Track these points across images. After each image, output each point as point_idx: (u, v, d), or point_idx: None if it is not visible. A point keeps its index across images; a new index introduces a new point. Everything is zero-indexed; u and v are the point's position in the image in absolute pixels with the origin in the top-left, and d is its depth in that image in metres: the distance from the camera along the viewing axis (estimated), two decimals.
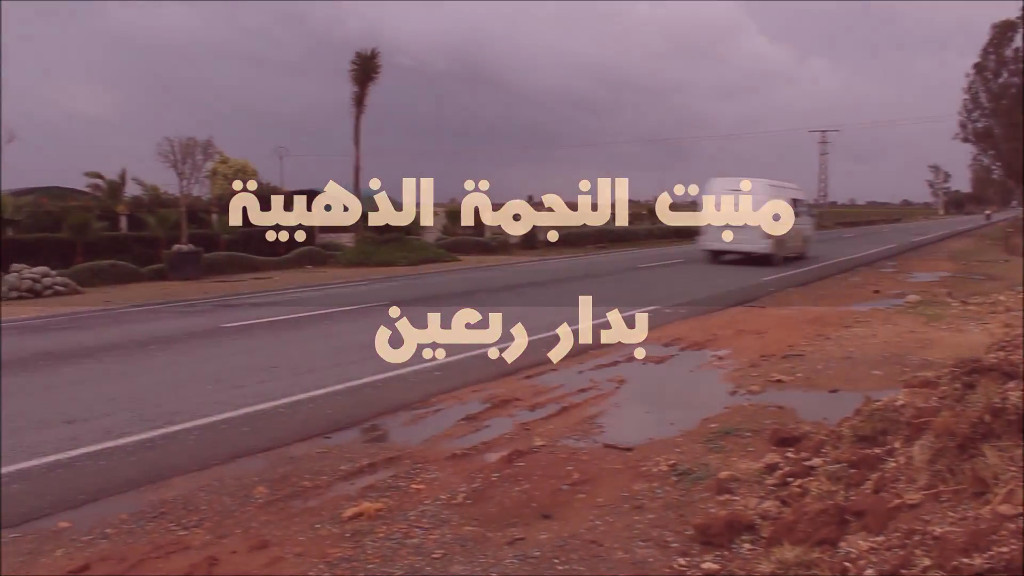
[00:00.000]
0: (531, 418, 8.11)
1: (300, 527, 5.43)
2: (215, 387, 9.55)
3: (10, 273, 23.76)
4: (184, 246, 28.51)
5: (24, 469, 6.76)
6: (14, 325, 16.50)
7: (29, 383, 10.21)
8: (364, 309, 16.84)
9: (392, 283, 24.31)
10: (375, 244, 33.93)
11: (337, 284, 24.23)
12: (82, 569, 4.86)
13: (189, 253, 28.29)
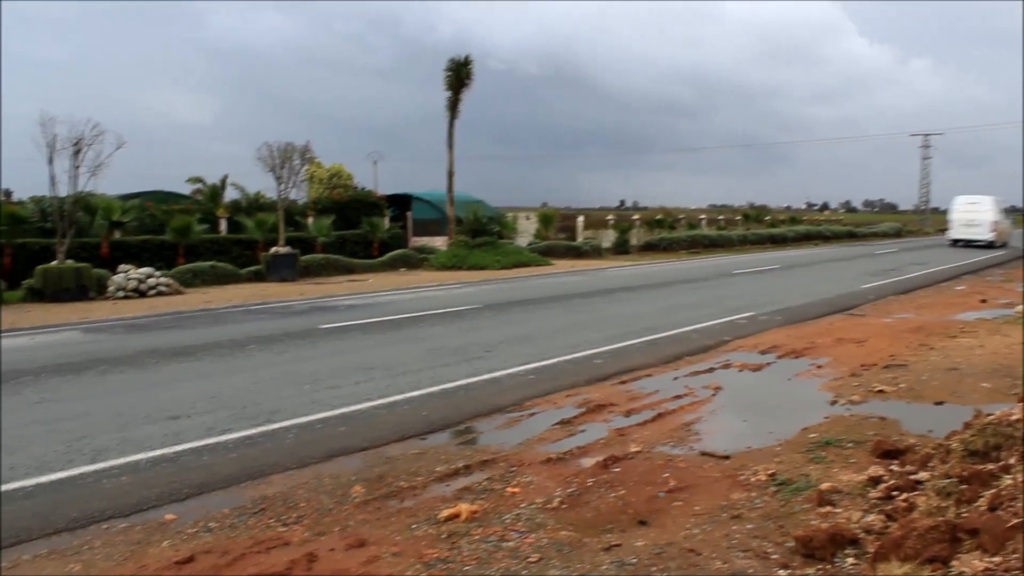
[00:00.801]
0: (626, 424, 8.02)
1: (396, 527, 5.47)
2: (312, 387, 9.71)
3: (117, 273, 24.58)
4: (281, 248, 29.08)
5: (132, 462, 6.97)
6: (121, 323, 17.06)
7: (136, 379, 10.54)
8: (457, 313, 16.93)
9: (485, 286, 24.40)
10: (468, 248, 34.12)
11: (430, 287, 24.40)
12: (187, 560, 4.97)
13: (286, 255, 28.86)
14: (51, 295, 22.91)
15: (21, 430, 8.06)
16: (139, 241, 29.37)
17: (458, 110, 37.66)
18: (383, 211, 38.41)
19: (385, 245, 36.08)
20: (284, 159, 29.73)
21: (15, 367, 11.57)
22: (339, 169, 40.85)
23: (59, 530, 5.61)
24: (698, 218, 57.23)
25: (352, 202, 37.79)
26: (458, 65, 37.22)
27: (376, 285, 25.97)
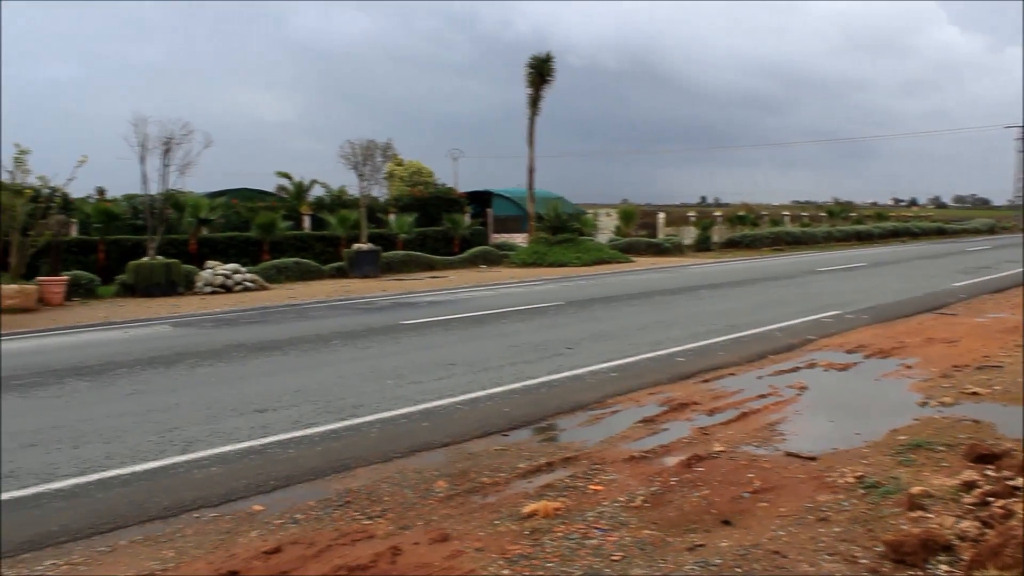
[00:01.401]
0: (709, 423, 7.93)
1: (480, 522, 5.49)
2: (395, 382, 9.82)
3: (205, 269, 25.17)
4: (363, 245, 29.47)
5: (221, 453, 7.14)
6: (209, 318, 17.47)
7: (223, 373, 10.79)
8: (538, 309, 16.96)
9: (565, 283, 24.39)
10: (548, 244, 34.12)
11: (511, 284, 24.46)
12: (275, 551, 5.07)
13: (368, 252, 29.22)
14: (142, 290, 23.57)
15: (116, 420, 8.32)
16: (225, 238, 30.05)
17: (539, 106, 37.74)
18: (464, 208, 38.65)
19: (466, 242, 36.31)
20: (366, 156, 30.12)
21: (111, 359, 11.95)
22: (420, 166, 41.19)
23: (152, 518, 5.76)
24: (781, 214, 56.39)
25: (433, 199, 38.09)
26: (539, 62, 37.26)
27: (457, 281, 26.14)
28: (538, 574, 4.66)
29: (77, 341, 14.91)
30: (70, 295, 22.68)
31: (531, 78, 37.39)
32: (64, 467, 6.84)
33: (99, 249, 27.32)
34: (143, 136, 24.10)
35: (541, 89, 37.54)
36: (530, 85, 37.48)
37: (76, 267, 24.78)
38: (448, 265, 32.60)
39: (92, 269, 25.44)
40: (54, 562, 5.03)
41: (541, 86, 37.49)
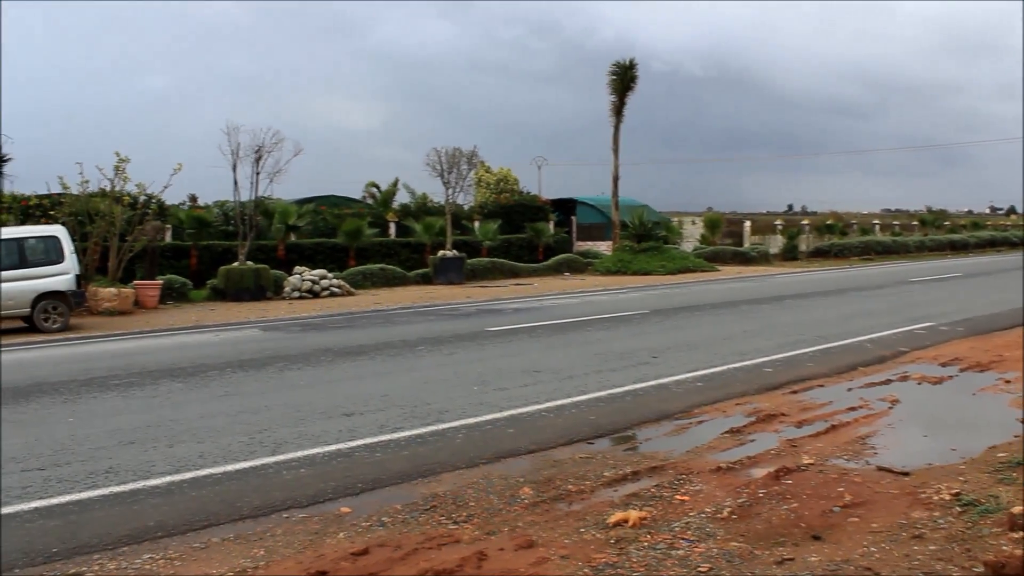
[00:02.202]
0: (798, 435, 7.79)
1: (565, 530, 5.48)
2: (480, 388, 9.87)
3: (293, 275, 25.64)
4: (449, 252, 29.67)
5: (309, 456, 7.26)
6: (297, 322, 17.79)
7: (311, 376, 10.98)
8: (623, 318, 16.88)
9: (650, 292, 24.22)
10: (632, 253, 33.95)
11: (595, 292, 24.39)
12: (362, 552, 5.12)
13: (453, 259, 29.41)
14: (232, 294, 24.12)
15: (209, 421, 8.53)
16: (313, 244, 30.57)
17: (623, 114, 37.56)
18: (548, 215, 38.68)
19: (550, 249, 36.33)
20: (452, 164, 30.33)
21: (203, 362, 12.26)
22: (506, 174, 41.37)
23: (244, 516, 5.89)
24: (871, 223, 55.18)
25: (517, 206, 38.20)
26: (623, 69, 37.11)
27: (541, 289, 26.17)
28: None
29: (171, 343, 15.33)
30: (164, 298, 23.33)
31: (614, 85, 37.25)
32: (160, 465, 7.03)
33: (191, 254, 28.04)
34: (235, 145, 24.71)
35: (625, 96, 37.36)
36: (613, 92, 37.35)
37: (169, 271, 25.49)
38: (532, 272, 32.65)
39: (184, 274, 26.12)
40: (151, 556, 5.17)
41: (625, 93, 37.32)
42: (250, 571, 4.89)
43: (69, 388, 10.53)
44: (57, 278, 18.37)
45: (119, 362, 12.66)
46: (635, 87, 37.52)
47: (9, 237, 18.91)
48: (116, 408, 9.36)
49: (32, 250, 18.68)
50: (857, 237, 48.42)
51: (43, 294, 18.12)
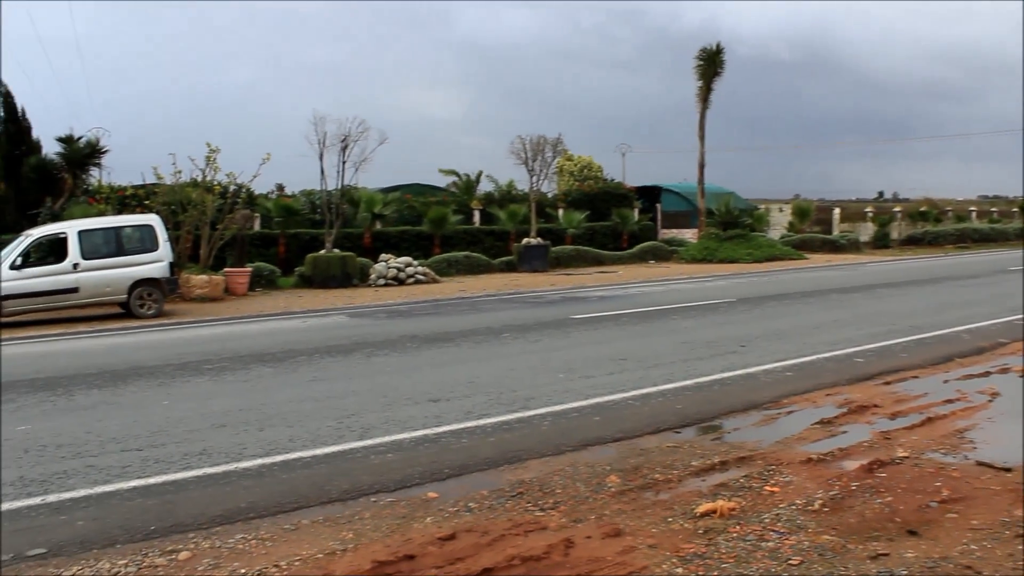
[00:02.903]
0: (891, 427, 7.58)
1: (652, 519, 5.43)
2: (566, 376, 9.84)
3: (379, 262, 25.93)
4: (533, 240, 29.69)
5: (397, 440, 7.33)
6: (383, 309, 17.99)
7: (398, 363, 11.08)
8: (709, 306, 16.68)
9: (736, 280, 23.89)
10: (719, 240, 33.55)
11: (680, 280, 24.16)
12: (450, 537, 5.15)
13: (537, 246, 29.42)
14: (319, 281, 24.51)
15: (298, 405, 8.67)
16: (398, 232, 30.89)
17: (709, 100, 37.07)
18: (632, 203, 38.42)
19: (634, 237, 36.10)
20: (536, 152, 30.31)
21: (292, 347, 12.49)
22: (589, 161, 41.19)
23: (332, 500, 5.97)
24: (967, 210, 53.50)
25: (602, 194, 38.03)
26: (710, 54, 36.64)
27: (625, 277, 26.03)
28: (713, 575, 4.57)
29: (260, 329, 15.65)
30: (253, 285, 23.82)
31: (701, 71, 36.79)
32: (251, 448, 7.17)
33: (279, 242, 28.57)
34: (322, 134, 25.08)
35: (712, 82, 36.88)
36: (700, 78, 36.89)
37: (258, 259, 26.02)
38: (617, 260, 32.50)
39: (273, 261, 26.65)
40: (244, 536, 5.28)
41: (712, 79, 36.83)
42: (339, 553, 4.95)
43: (164, 372, 10.81)
44: (152, 265, 18.89)
45: (211, 347, 12.97)
46: (722, 73, 37.02)
47: (107, 226, 19.52)
48: (209, 392, 9.58)
49: (128, 238, 19.25)
50: (952, 224, 47.02)
51: (139, 281, 18.66)
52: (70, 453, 7.17)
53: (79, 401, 9.28)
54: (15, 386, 10.19)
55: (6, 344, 14.76)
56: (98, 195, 27.54)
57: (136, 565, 4.87)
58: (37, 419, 8.47)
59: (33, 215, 24.60)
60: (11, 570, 4.87)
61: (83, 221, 19.99)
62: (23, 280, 17.70)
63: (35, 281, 17.81)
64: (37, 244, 18.38)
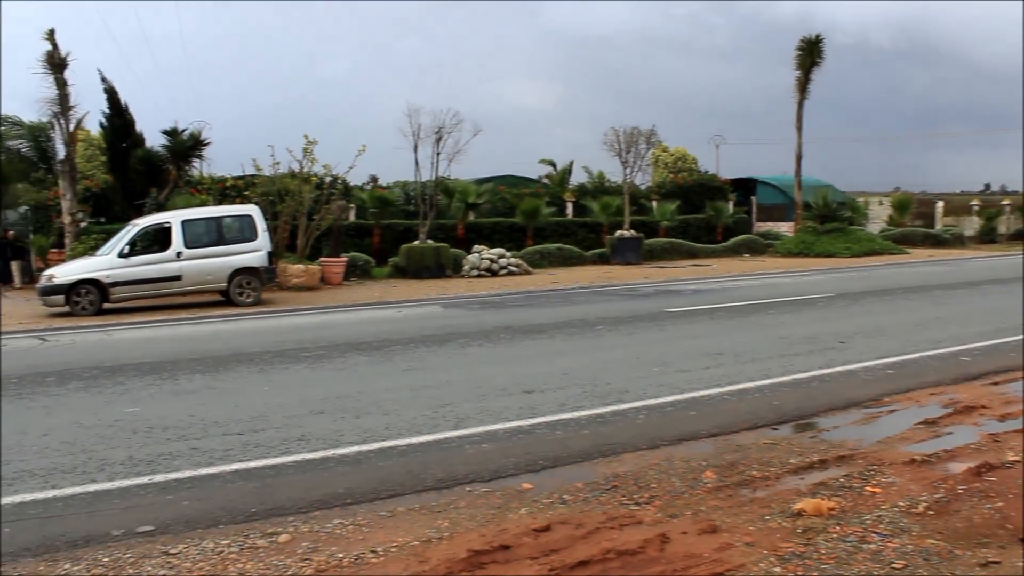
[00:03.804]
0: (1001, 429, 7.32)
1: (749, 516, 5.34)
2: (661, 369, 9.75)
3: (472, 253, 26.08)
4: (626, 232, 29.53)
5: (491, 431, 7.36)
6: (476, 300, 18.08)
7: (492, 353, 11.14)
8: (806, 301, 16.35)
9: (834, 275, 23.39)
10: (816, 234, 32.89)
11: (776, 274, 23.75)
12: (544, 529, 5.14)
13: (631, 239, 29.26)
14: (413, 272, 24.79)
15: (393, 394, 8.78)
16: (491, 223, 31.02)
17: (807, 90, 36.26)
18: (727, 195, 37.91)
19: (728, 230, 35.64)
20: (630, 143, 30.11)
21: (387, 336, 12.66)
22: (683, 153, 40.73)
23: (428, 488, 6.02)
24: None
25: (696, 186, 37.60)
26: (809, 43, 35.83)
27: (720, 270, 25.71)
28: (812, 575, 4.47)
29: (355, 318, 15.90)
30: (348, 275, 24.21)
31: (800, 60, 35.98)
32: (348, 435, 7.28)
33: (374, 233, 28.96)
34: (416, 126, 25.31)
35: (810, 72, 36.04)
36: (798, 68, 36.08)
37: (353, 249, 26.42)
38: (711, 254, 32.13)
39: (367, 251, 27.04)
40: (341, 521, 5.36)
41: (810, 69, 35.98)
42: (435, 541, 4.99)
43: (263, 359, 11.06)
44: (251, 255, 19.36)
45: (308, 335, 13.22)
46: (821, 62, 36.16)
47: (209, 216, 20.06)
48: (306, 379, 9.77)
49: (229, 228, 19.77)
50: None
51: (238, 269, 19.14)
52: (175, 435, 7.38)
53: (183, 385, 9.56)
54: (124, 369, 10.55)
55: (116, 329, 15.29)
56: (200, 186, 28.32)
57: (238, 546, 4.99)
58: (144, 402, 8.76)
59: (139, 205, 25.41)
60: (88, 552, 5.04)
61: (186, 211, 20.61)
62: (130, 268, 18.32)
63: (141, 269, 18.41)
64: (143, 233, 18.99)
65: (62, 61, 24.98)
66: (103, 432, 7.55)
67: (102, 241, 21.58)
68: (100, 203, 27.80)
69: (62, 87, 25.12)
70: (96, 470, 6.48)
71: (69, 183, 25.02)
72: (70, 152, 25.58)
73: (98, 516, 5.57)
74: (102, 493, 6.00)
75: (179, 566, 4.74)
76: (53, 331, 15.20)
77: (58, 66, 24.94)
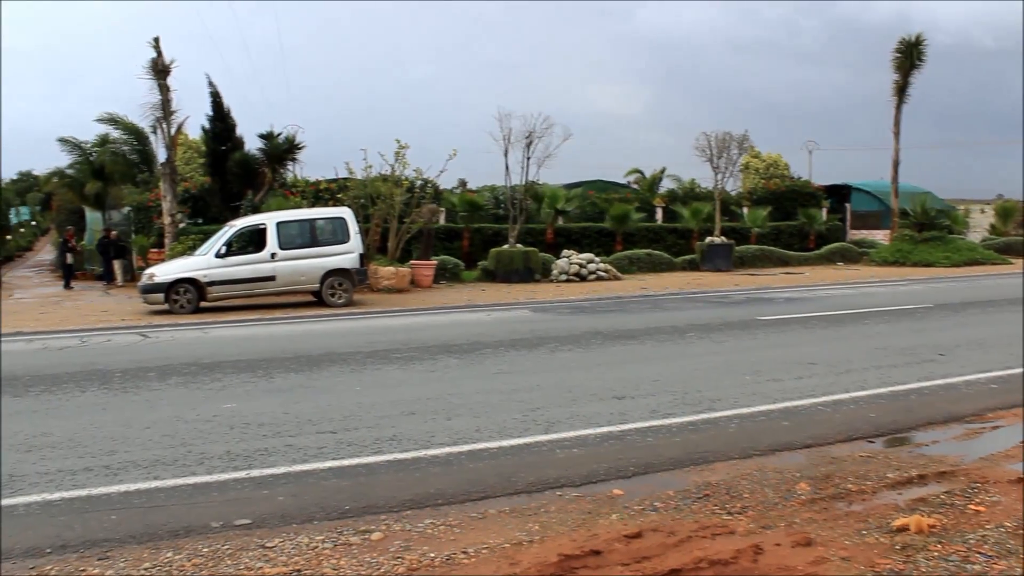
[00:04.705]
0: None
1: (845, 530, 5.23)
2: (752, 378, 9.61)
3: (561, 258, 26.07)
4: (716, 238, 29.20)
5: (581, 436, 7.35)
6: (566, 305, 18.08)
7: (582, 359, 11.13)
8: (904, 311, 15.95)
9: (933, 284, 22.77)
10: (913, 243, 32.05)
11: (872, 283, 23.22)
12: (636, 536, 5.11)
13: (721, 245, 28.93)
14: (501, 276, 24.87)
15: (484, 396, 8.83)
16: (580, 228, 31.00)
17: (906, 94, 35.32)
18: (820, 202, 37.20)
19: (821, 237, 34.98)
20: (722, 149, 29.77)
21: (477, 339, 12.75)
22: (776, 159, 40.09)
23: (518, 491, 6.05)
24: None
25: (788, 192, 37.00)
26: (908, 45, 34.88)
27: (812, 278, 25.26)
28: None
29: (445, 321, 16.04)
30: (437, 278, 24.41)
31: (898, 63, 35.05)
32: (439, 436, 7.35)
33: (463, 236, 29.16)
34: (507, 130, 25.42)
35: (909, 75, 35.09)
36: (897, 70, 35.15)
37: (443, 253, 26.62)
38: (803, 261, 31.57)
39: (456, 255, 27.23)
40: (432, 521, 5.42)
41: (909, 71, 35.02)
42: (525, 544, 5.00)
43: (355, 359, 11.23)
44: (343, 257, 19.67)
45: (399, 336, 13.37)
46: (921, 65, 35.19)
47: (303, 218, 20.46)
48: (397, 380, 9.88)
49: (321, 230, 20.13)
50: None
51: (330, 271, 19.47)
52: (270, 432, 7.55)
53: (278, 383, 9.76)
54: (221, 366, 10.82)
55: (212, 326, 15.70)
56: (294, 188, 28.88)
57: (332, 542, 5.08)
58: (241, 398, 8.98)
59: (235, 207, 26.05)
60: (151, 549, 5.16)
61: (280, 213, 21.04)
62: (226, 268, 18.79)
63: (237, 269, 18.86)
64: (239, 234, 19.46)
65: (166, 67, 25.77)
66: (202, 427, 7.76)
67: (200, 241, 22.17)
68: (198, 204, 28.60)
69: (165, 92, 25.93)
70: (195, 463, 6.66)
71: (170, 185, 25.78)
72: (171, 155, 26.36)
73: (198, 508, 5.73)
74: (201, 486, 6.17)
75: (275, 559, 4.84)
76: (153, 328, 15.67)
77: (162, 72, 25.74)
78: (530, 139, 25.49)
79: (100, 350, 12.91)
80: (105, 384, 9.89)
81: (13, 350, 13.22)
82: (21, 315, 18.83)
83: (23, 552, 5.02)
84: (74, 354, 12.55)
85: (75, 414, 8.47)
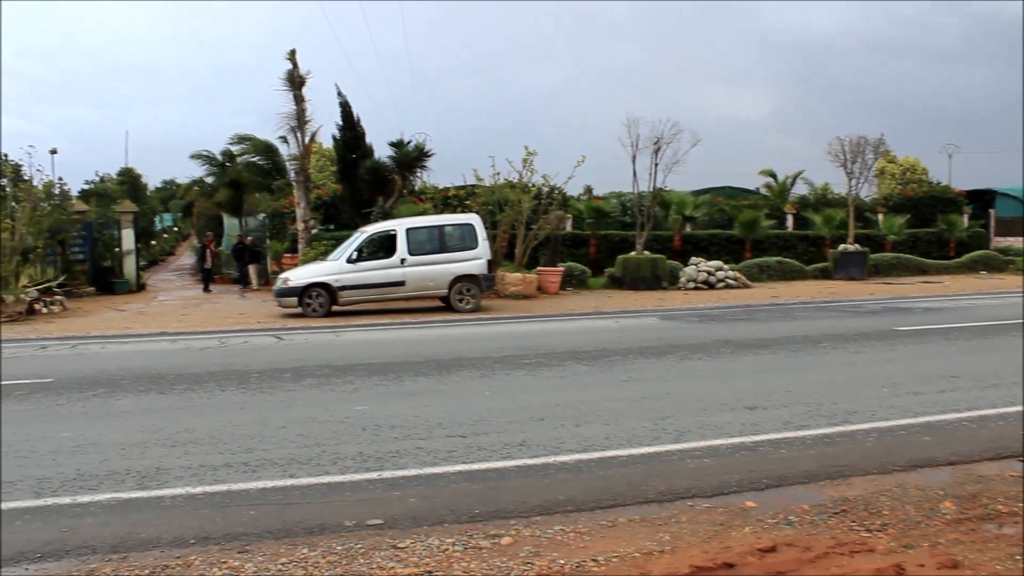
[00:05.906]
0: None
1: (995, 554, 4.98)
2: (891, 391, 9.28)
3: (689, 265, 25.78)
4: (850, 246, 28.41)
5: (712, 446, 7.22)
6: (694, 312, 17.84)
7: (712, 367, 10.95)
8: None
9: None
10: None
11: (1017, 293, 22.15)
12: (770, 550, 4.99)
13: (855, 253, 28.13)
14: (628, 283, 24.75)
15: (613, 404, 8.78)
16: (708, 235, 30.62)
17: None
18: (961, 208, 35.76)
19: (962, 245, 33.63)
20: (856, 154, 28.94)
21: (605, 346, 12.71)
22: (913, 163, 38.73)
23: (649, 500, 5.97)
24: None
25: (926, 198, 35.70)
26: None
27: (953, 288, 24.28)
28: None
29: (573, 327, 16.03)
30: (564, 285, 24.45)
31: None
32: (568, 442, 7.33)
33: (590, 243, 29.14)
34: (635, 136, 25.27)
35: None
36: None
37: (569, 259, 26.67)
38: (942, 270, 30.39)
39: (583, 261, 27.23)
40: (562, 527, 5.41)
41: None
42: (656, 554, 4.95)
43: (484, 364, 11.32)
44: (471, 263, 19.88)
45: (527, 342, 13.43)
46: None
47: (432, 224, 20.77)
48: (526, 386, 9.92)
49: (450, 236, 20.38)
50: None
51: (459, 276, 19.71)
52: (401, 434, 7.67)
53: (408, 386, 9.92)
54: (353, 369, 11.07)
55: (345, 330, 16.09)
56: (423, 195, 29.37)
57: (462, 545, 5.12)
58: (373, 400, 9.16)
59: (366, 214, 26.64)
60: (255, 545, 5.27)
61: (410, 219, 21.43)
62: (357, 273, 19.24)
63: (368, 274, 19.29)
64: (370, 240, 19.89)
65: (301, 79, 26.59)
66: (335, 428, 7.94)
67: (331, 247, 22.78)
68: (329, 211, 29.39)
69: (300, 103, 26.75)
70: (329, 463, 6.82)
71: (304, 192, 26.58)
72: (304, 163, 27.15)
73: (331, 507, 5.87)
74: (335, 485, 6.31)
75: (407, 560, 4.91)
76: (288, 330, 16.16)
77: (297, 84, 26.56)
78: (658, 145, 25.30)
79: (238, 351, 13.39)
80: (243, 384, 10.25)
81: (159, 349, 13.88)
82: (164, 316, 19.73)
83: (169, 542, 5.24)
84: (214, 354, 13.06)
85: (215, 412, 8.81)
